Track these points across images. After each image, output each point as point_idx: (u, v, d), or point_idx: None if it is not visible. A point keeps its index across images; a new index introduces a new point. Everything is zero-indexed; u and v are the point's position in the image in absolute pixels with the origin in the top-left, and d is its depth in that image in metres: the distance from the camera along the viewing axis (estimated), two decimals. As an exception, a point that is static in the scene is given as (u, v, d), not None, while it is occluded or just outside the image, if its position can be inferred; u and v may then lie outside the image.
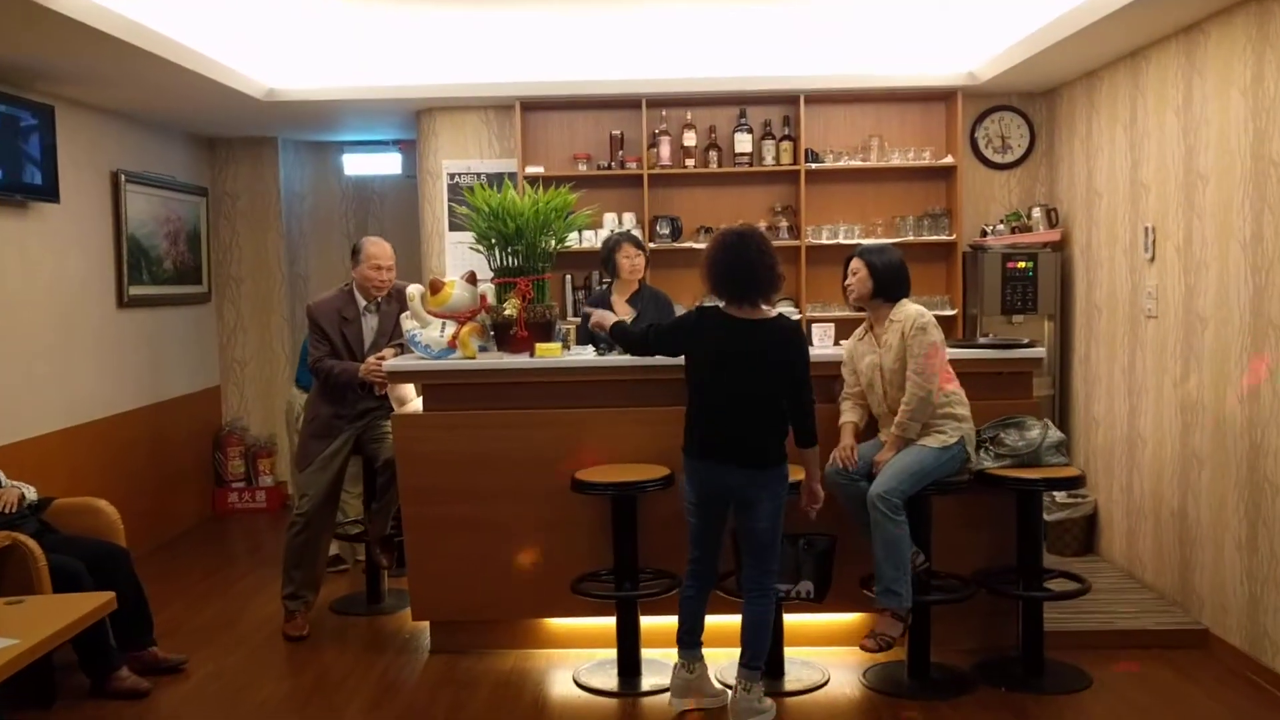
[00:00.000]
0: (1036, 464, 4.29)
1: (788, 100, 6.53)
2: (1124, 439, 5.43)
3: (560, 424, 4.56)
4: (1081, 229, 6.08)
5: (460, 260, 6.55)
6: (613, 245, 5.33)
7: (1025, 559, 4.37)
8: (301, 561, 5.01)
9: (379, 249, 5.04)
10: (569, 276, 6.59)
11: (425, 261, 6.94)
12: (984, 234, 6.43)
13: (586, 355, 4.67)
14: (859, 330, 4.39)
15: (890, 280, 4.23)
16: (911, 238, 6.41)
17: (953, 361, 4.29)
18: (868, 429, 4.35)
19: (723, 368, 3.86)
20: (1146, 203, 5.23)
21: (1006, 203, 6.66)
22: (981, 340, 5.05)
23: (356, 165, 8.03)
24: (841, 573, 4.27)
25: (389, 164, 7.97)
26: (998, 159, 6.65)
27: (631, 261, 5.27)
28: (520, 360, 4.59)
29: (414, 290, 4.72)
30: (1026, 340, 4.71)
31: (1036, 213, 6.34)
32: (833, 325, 4.81)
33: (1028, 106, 6.62)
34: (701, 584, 4.02)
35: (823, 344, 4.75)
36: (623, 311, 5.16)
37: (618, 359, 4.52)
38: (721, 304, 3.92)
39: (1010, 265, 6.18)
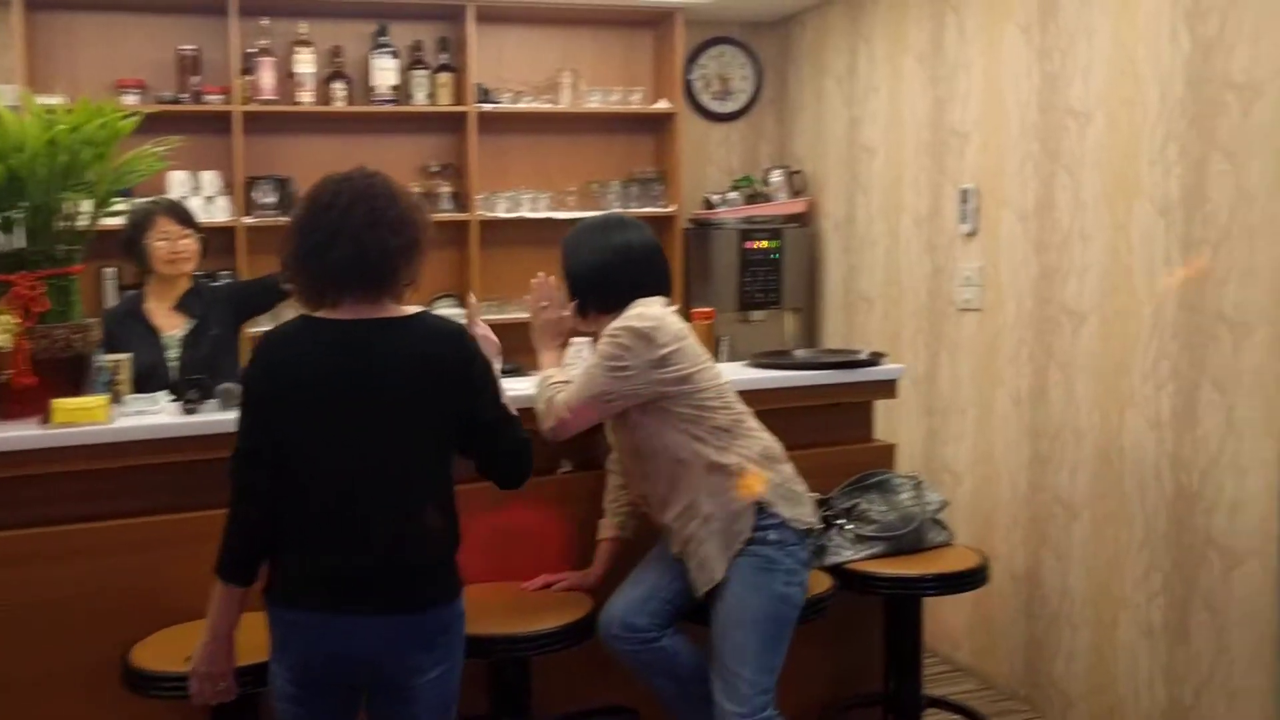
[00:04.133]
0: (919, 545, 2.79)
1: (447, 15, 4.63)
2: (925, 472, 4.10)
3: (113, 548, 2.44)
4: (838, 197, 4.71)
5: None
6: (139, 221, 3.22)
7: (901, 685, 2.85)
8: None
9: None
10: (110, 272, 4.26)
11: None
12: (710, 205, 4.91)
13: (157, 414, 2.57)
14: None
15: (596, 278, 2.55)
16: (618, 209, 4.73)
17: (753, 394, 2.68)
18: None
19: (334, 418, 2.03)
20: (962, 157, 3.92)
21: (727, 164, 5.18)
22: (800, 355, 3.45)
23: None
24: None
25: None
26: (718, 107, 5.15)
27: (172, 245, 3.19)
28: (22, 432, 2.41)
29: None
30: (864, 352, 3.20)
31: (776, 176, 4.90)
32: (587, 342, 3.01)
33: (753, 39, 5.18)
34: None
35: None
36: (167, 326, 3.14)
37: (215, 417, 2.48)
38: (319, 310, 2.08)
39: (749, 245, 4.71)
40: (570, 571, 2.69)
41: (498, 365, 2.37)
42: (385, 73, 4.53)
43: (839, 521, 2.76)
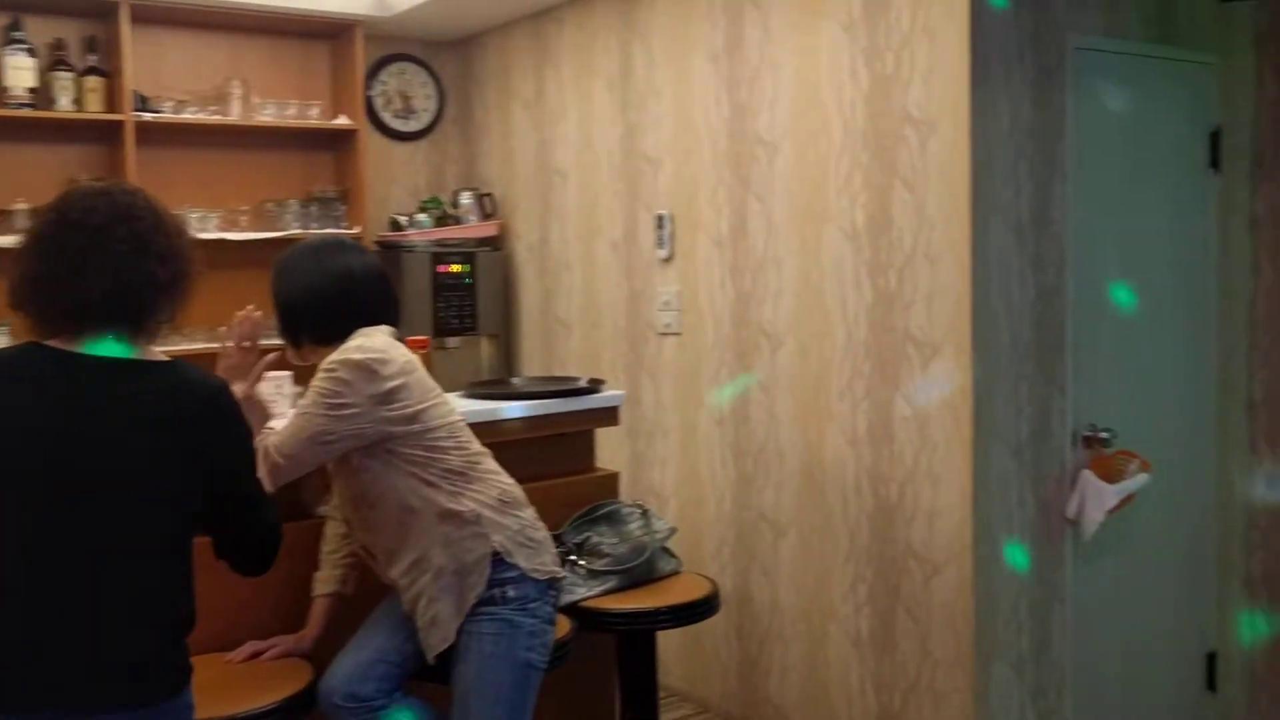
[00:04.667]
0: (651, 576, 2.75)
1: (96, 12, 4.13)
2: (631, 496, 4.11)
3: None
4: (530, 220, 4.64)
5: None
6: None
7: (634, 723, 2.80)
8: None
9: None
10: None
11: None
12: (398, 226, 4.69)
13: None
14: None
15: (312, 307, 2.36)
16: (297, 230, 4.42)
17: (471, 427, 2.55)
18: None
19: (46, 475, 1.70)
20: (656, 183, 3.95)
21: (413, 185, 4.99)
22: (519, 383, 3.31)
23: None
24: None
25: None
26: (400, 125, 4.94)
27: None
28: None
29: None
30: (583, 379, 3.12)
31: (466, 198, 4.76)
32: (286, 376, 2.73)
33: (434, 58, 5.01)
34: None
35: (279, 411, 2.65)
36: None
37: None
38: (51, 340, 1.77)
39: (441, 269, 4.53)
40: (281, 636, 2.42)
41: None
42: (20, 72, 3.97)
43: (571, 557, 2.66)
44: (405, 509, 2.26)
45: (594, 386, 3.01)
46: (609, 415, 3.04)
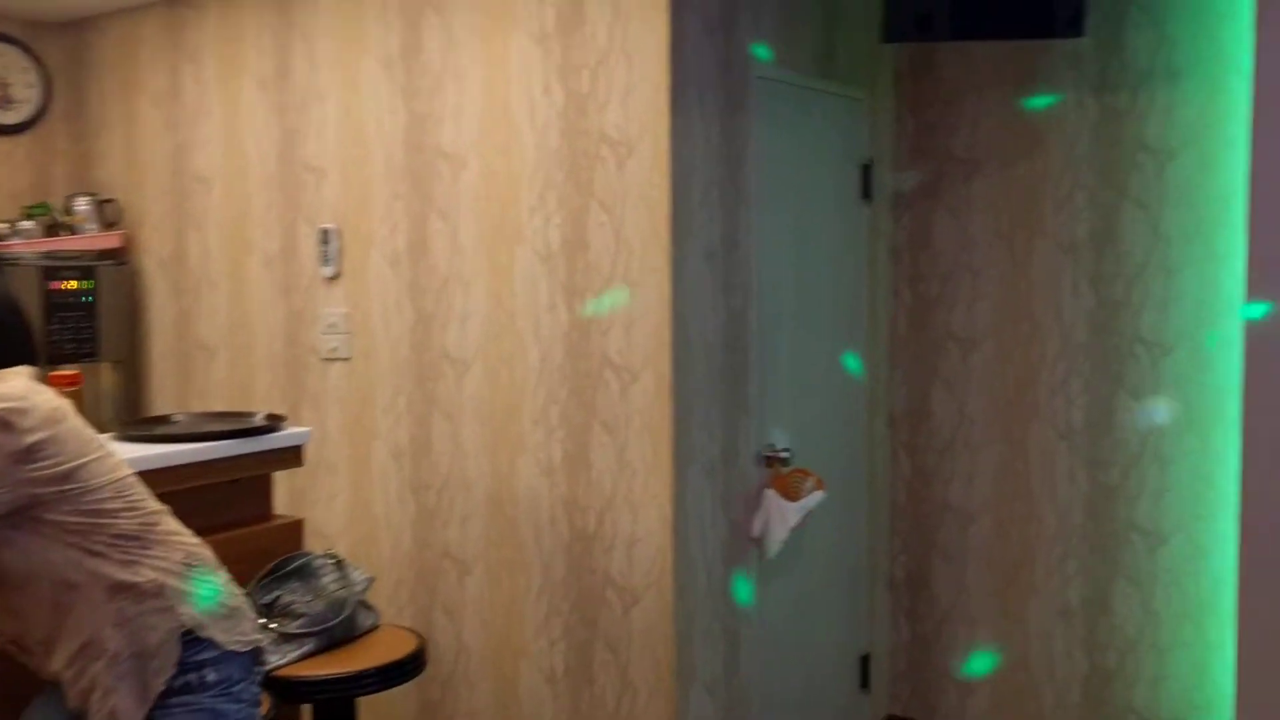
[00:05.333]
0: (351, 634, 2.46)
1: None
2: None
3: None
4: (164, 231, 4.11)
5: None
6: None
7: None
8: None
9: None
10: None
11: None
12: (-5, 235, 3.99)
13: None
14: None
15: None
16: None
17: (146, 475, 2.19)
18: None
19: None
20: (320, 194, 3.61)
21: (13, 187, 4.27)
22: (181, 421, 2.83)
23: None
24: None
25: None
26: (-4, 117, 4.21)
27: None
28: None
29: None
30: (259, 415, 2.75)
31: (82, 205, 4.13)
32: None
33: (37, 41, 4.32)
34: None
35: None
36: None
37: None
38: None
39: (54, 286, 3.90)
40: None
41: None
42: None
43: (260, 621, 2.32)
44: (64, 586, 1.85)
45: (273, 424, 2.67)
46: (292, 456, 2.71)
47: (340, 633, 2.43)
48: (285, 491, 3.69)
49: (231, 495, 2.55)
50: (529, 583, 3.21)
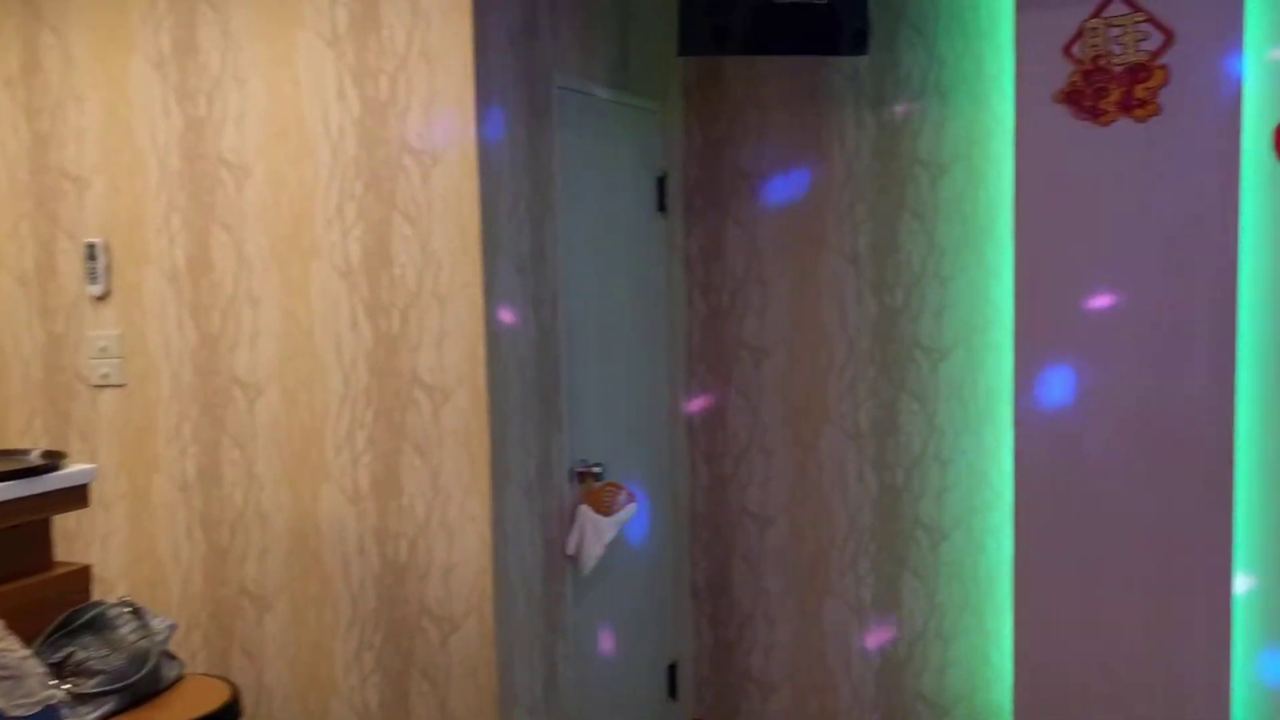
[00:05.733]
0: (156, 687, 2.23)
1: None
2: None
3: None
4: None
5: None
6: None
7: None
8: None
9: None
10: None
11: None
12: None
13: None
14: None
15: None
16: None
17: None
18: None
19: None
20: (83, 206, 3.28)
21: None
22: None
23: None
24: None
25: None
26: None
27: None
28: None
29: None
30: (34, 452, 2.45)
31: None
32: None
33: None
34: None
35: None
36: None
37: None
38: None
39: None
40: None
41: None
42: None
43: (51, 683, 2.06)
44: None
45: (52, 462, 2.39)
46: (76, 496, 2.43)
47: (144, 688, 2.20)
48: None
49: (6, 544, 2.26)
50: (337, 617, 3.03)
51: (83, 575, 2.43)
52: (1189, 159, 3.33)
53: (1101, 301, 3.45)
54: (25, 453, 2.47)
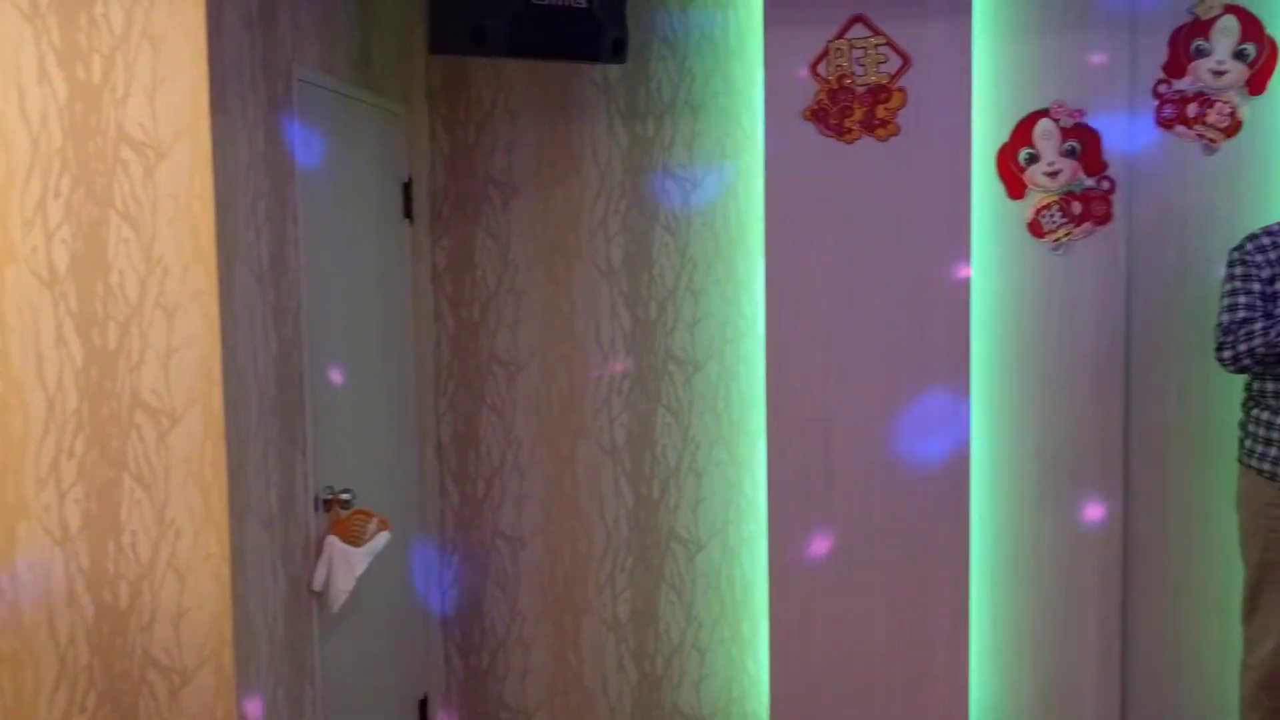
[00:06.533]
0: None
1: None
2: None
3: None
4: None
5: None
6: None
7: None
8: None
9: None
10: None
11: None
12: None
13: None
14: None
15: None
16: None
17: None
18: None
19: None
20: None
21: None
22: None
23: None
24: None
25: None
26: None
27: None
28: None
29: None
30: None
31: None
32: None
33: None
34: None
35: None
36: None
37: None
38: None
39: None
40: None
41: None
42: None
43: None
44: None
45: None
46: None
47: None
48: None
49: None
50: (40, 677, 2.62)
51: None
52: (925, 179, 3.48)
53: (847, 314, 3.54)
54: None
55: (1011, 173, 3.54)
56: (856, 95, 3.51)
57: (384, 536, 3.11)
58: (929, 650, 3.56)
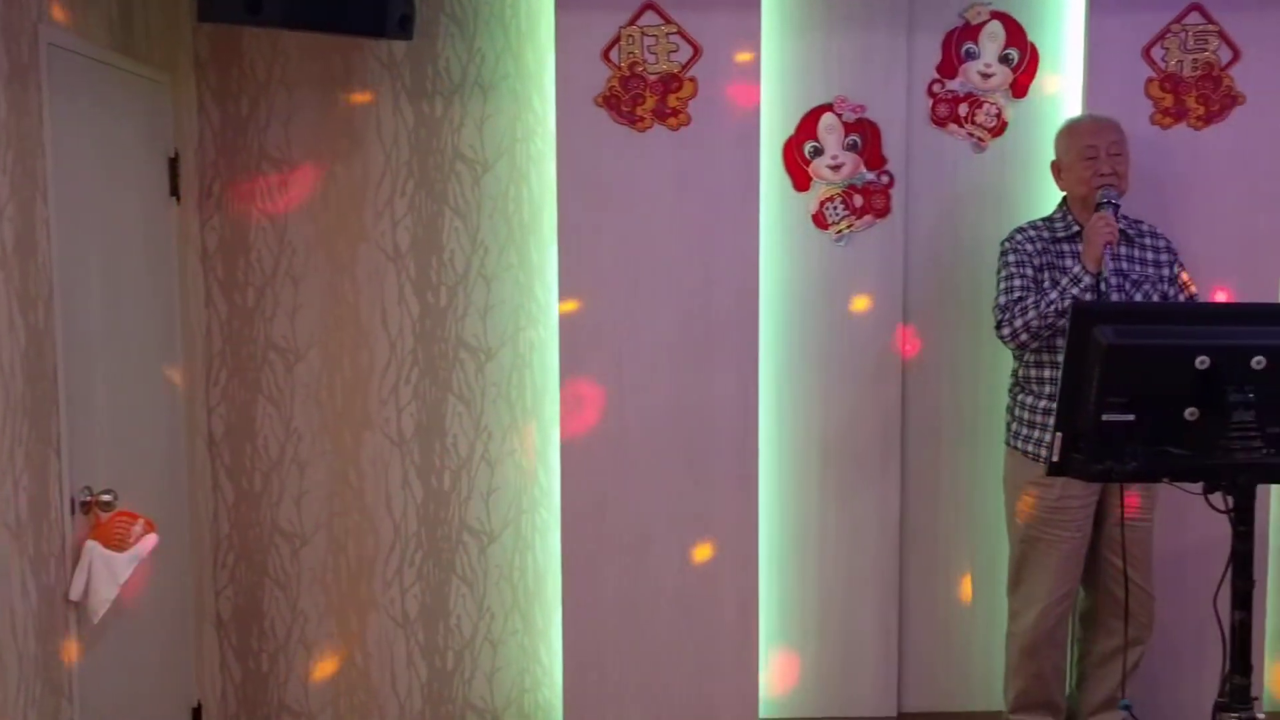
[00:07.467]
0: None
1: None
2: None
3: None
4: None
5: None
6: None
7: None
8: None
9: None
10: None
11: None
12: None
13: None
14: None
15: None
16: None
17: None
18: None
19: None
20: None
21: None
22: None
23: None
24: None
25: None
26: None
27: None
28: None
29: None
30: None
31: None
32: None
33: None
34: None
35: None
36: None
37: None
38: None
39: None
40: None
41: None
42: None
43: None
44: None
45: None
46: None
47: None
48: None
49: None
50: None
51: None
52: (716, 169, 3.51)
53: (639, 302, 3.54)
54: None
55: (797, 165, 3.62)
56: (648, 83, 3.50)
57: (151, 539, 2.88)
58: (719, 635, 3.62)
